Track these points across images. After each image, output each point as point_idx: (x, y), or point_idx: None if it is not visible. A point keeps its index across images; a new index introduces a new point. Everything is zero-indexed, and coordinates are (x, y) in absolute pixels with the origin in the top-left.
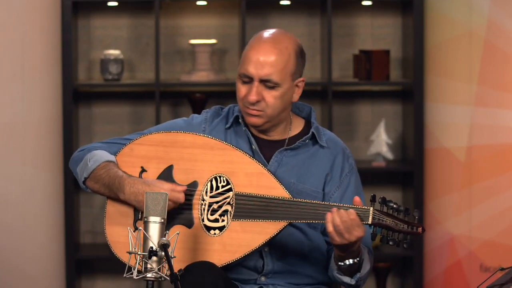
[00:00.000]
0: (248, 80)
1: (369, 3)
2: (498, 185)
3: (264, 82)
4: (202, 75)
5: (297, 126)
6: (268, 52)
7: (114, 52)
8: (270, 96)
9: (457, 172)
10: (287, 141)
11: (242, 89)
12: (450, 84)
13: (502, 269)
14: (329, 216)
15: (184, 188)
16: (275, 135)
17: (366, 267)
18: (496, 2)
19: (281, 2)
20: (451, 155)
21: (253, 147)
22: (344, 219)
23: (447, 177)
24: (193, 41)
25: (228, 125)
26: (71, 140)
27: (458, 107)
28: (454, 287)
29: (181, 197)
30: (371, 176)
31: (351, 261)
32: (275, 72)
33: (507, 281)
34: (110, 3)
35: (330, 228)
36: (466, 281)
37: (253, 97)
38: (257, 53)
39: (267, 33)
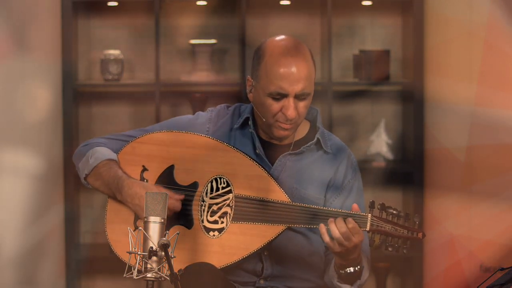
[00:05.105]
0: (281, 96)
1: (369, 3)
2: (498, 185)
3: (298, 95)
4: (202, 75)
5: (303, 129)
6: (299, 66)
7: (114, 52)
8: (302, 107)
9: (457, 172)
10: (292, 145)
11: (274, 106)
12: (450, 84)
13: (502, 269)
14: (323, 228)
15: (182, 197)
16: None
17: (366, 274)
18: (496, 2)
19: (281, 2)
20: (451, 155)
21: (257, 151)
22: (343, 230)
23: (447, 177)
24: (193, 41)
25: (236, 126)
26: (71, 140)
27: (458, 107)
28: (454, 287)
29: (178, 205)
30: (371, 176)
31: (351, 269)
32: (308, 84)
33: (507, 281)
34: (110, 3)
35: (326, 239)
36: (466, 281)
37: (294, 114)
38: (287, 68)
39: (285, 42)
